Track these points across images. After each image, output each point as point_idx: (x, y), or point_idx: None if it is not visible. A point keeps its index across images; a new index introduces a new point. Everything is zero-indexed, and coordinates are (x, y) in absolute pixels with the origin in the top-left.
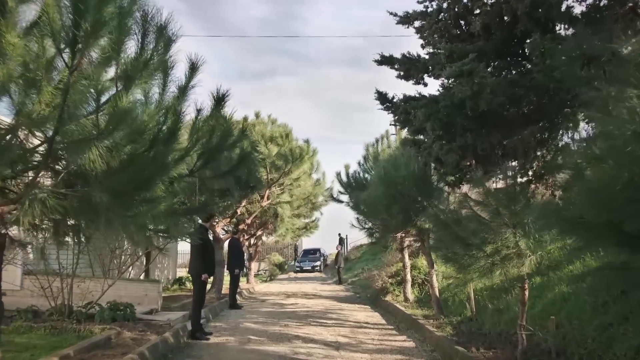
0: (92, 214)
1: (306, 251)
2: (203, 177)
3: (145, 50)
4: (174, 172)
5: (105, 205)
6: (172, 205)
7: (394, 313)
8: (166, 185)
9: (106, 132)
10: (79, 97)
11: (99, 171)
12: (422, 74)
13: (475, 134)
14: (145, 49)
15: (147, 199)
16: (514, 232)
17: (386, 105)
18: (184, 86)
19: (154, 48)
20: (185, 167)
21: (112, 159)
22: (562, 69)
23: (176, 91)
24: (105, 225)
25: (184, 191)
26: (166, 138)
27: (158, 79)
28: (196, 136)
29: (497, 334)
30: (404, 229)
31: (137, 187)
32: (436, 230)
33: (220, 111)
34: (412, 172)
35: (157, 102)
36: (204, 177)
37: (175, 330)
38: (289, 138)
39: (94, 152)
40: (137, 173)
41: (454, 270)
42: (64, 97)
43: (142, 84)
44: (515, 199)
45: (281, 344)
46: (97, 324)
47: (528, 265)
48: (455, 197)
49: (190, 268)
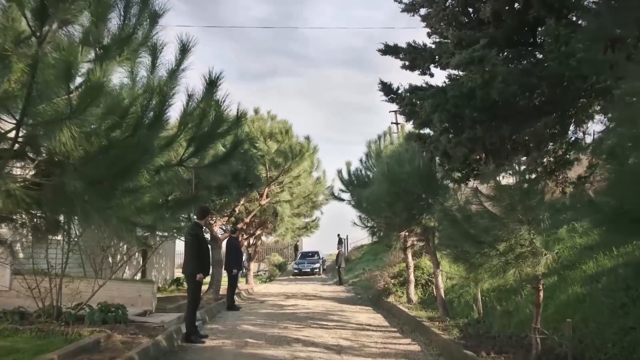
0: (67, 205)
1: (304, 254)
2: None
3: (127, 25)
4: (160, 160)
5: (81, 195)
6: (158, 197)
7: (397, 315)
8: (151, 175)
9: (78, 110)
10: (50, 73)
11: (74, 157)
12: (429, 63)
13: (485, 127)
14: (127, 23)
15: (129, 189)
16: (529, 229)
17: (391, 97)
18: (173, 69)
19: (137, 21)
20: (172, 154)
21: (89, 143)
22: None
23: (166, 75)
24: (82, 217)
25: (171, 182)
26: (151, 122)
27: (145, 58)
28: (185, 121)
29: (507, 337)
30: (408, 227)
31: (118, 175)
32: (445, 227)
33: (213, 95)
34: (416, 168)
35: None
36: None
37: (169, 333)
38: (288, 134)
39: (66, 134)
40: (117, 159)
41: (464, 269)
42: (33, 72)
43: (125, 61)
44: (530, 193)
45: (280, 347)
46: (87, 327)
47: (544, 264)
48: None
49: (185, 267)
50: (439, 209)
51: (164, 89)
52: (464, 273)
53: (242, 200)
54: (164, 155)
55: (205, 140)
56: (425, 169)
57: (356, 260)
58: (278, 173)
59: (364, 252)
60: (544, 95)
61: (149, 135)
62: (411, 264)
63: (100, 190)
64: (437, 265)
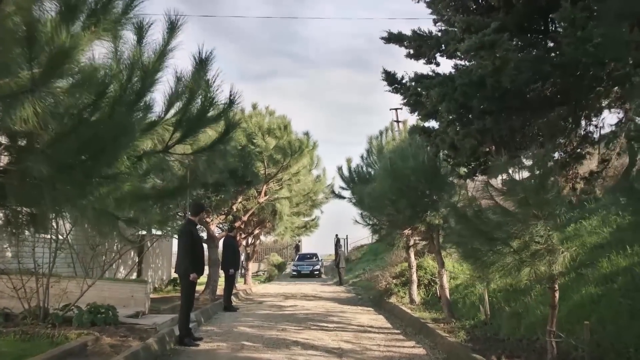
0: (35, 194)
1: (302, 255)
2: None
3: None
4: (141, 144)
5: (50, 182)
6: (140, 186)
7: (399, 316)
8: (132, 161)
9: (41, 81)
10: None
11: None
12: (435, 51)
13: (495, 117)
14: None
15: (107, 177)
16: (545, 225)
17: (394, 87)
18: (160, 48)
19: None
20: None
21: (57, 122)
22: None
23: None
24: (52, 208)
25: (156, 170)
26: (132, 101)
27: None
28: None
29: (517, 341)
30: (412, 225)
31: (92, 160)
32: (455, 223)
33: (203, 76)
34: (421, 164)
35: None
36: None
37: (161, 336)
38: (287, 130)
39: (28, 110)
40: (90, 141)
41: (474, 268)
42: None
43: (103, 32)
44: (545, 186)
45: (278, 350)
46: (74, 329)
47: (561, 262)
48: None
49: (178, 267)
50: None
51: (147, 64)
52: (473, 272)
53: (239, 198)
54: (147, 139)
55: (194, 124)
56: (429, 164)
57: (356, 260)
58: (277, 170)
59: (364, 252)
60: (557, 83)
61: (129, 115)
62: (414, 263)
63: (73, 177)
64: (442, 264)
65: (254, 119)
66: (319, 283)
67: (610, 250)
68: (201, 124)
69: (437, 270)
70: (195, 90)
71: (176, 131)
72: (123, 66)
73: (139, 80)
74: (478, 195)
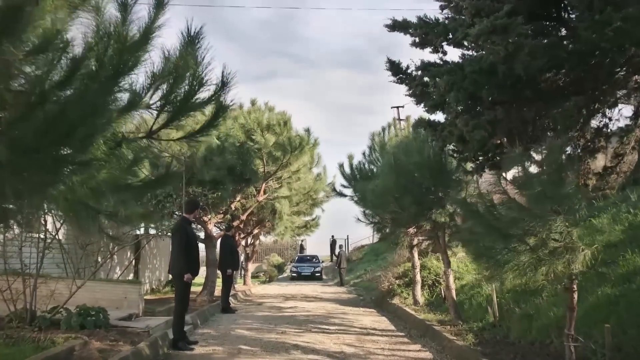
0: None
1: (301, 257)
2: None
3: None
4: (119, 127)
5: (11, 167)
6: (119, 175)
7: (403, 317)
8: (109, 146)
9: None
10: None
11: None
12: (442, 39)
13: (506, 108)
14: None
15: (80, 163)
16: (565, 220)
17: (399, 77)
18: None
19: None
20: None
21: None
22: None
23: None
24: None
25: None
26: (109, 77)
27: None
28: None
29: (529, 344)
30: (416, 223)
31: (60, 142)
32: (465, 220)
33: (192, 52)
34: (426, 159)
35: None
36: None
37: (153, 340)
38: (287, 126)
39: None
40: (58, 121)
41: (486, 268)
42: None
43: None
44: (563, 179)
45: (277, 355)
46: (62, 333)
47: (581, 260)
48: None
49: (172, 267)
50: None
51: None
52: (485, 272)
53: (238, 196)
54: (126, 121)
55: (181, 107)
56: (435, 159)
57: (357, 260)
58: (276, 167)
59: (365, 252)
60: (572, 72)
61: (106, 94)
62: (417, 263)
63: (39, 163)
64: (448, 264)
65: (253, 115)
66: (320, 284)
67: (624, 249)
68: (189, 107)
69: (441, 271)
70: (183, 69)
71: (161, 113)
72: (102, 40)
73: (118, 54)
74: (490, 190)
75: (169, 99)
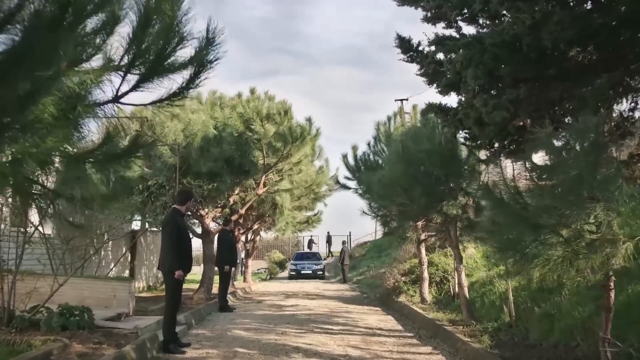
0: None
1: (300, 255)
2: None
3: None
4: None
5: None
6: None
7: (410, 317)
8: (59, 107)
9: None
10: None
11: None
12: (457, 12)
13: (530, 86)
14: None
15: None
16: (606, 209)
17: (410, 55)
18: None
19: None
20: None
21: None
22: None
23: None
24: None
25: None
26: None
27: None
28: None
29: (552, 347)
30: (426, 215)
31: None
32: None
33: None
34: (437, 146)
35: None
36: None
37: (141, 342)
38: (288, 115)
39: None
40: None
41: (511, 263)
42: None
43: None
44: (601, 162)
45: (276, 359)
46: (42, 334)
47: (623, 254)
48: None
49: (161, 263)
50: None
51: None
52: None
53: (237, 189)
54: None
55: (154, 64)
56: (447, 147)
57: (360, 257)
58: (277, 159)
59: (368, 248)
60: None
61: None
62: (425, 259)
63: None
64: (460, 259)
65: (252, 104)
66: (322, 281)
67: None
68: (165, 68)
69: (449, 267)
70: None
71: (129, 72)
72: None
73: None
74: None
75: (139, 54)
